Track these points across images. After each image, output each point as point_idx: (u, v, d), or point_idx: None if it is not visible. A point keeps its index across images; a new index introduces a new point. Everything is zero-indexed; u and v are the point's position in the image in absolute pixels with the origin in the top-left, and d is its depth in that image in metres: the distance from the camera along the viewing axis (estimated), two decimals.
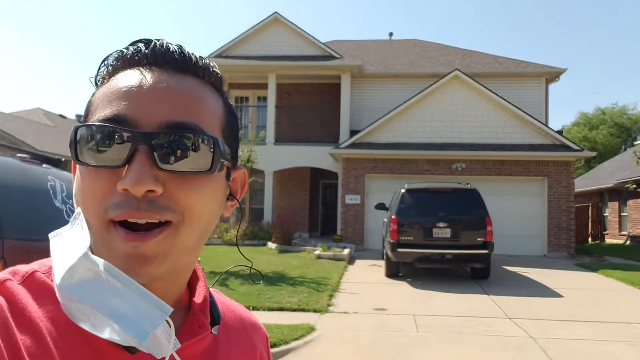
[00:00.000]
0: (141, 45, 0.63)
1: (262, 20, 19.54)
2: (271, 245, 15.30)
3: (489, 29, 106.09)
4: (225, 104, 0.68)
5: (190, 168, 0.58)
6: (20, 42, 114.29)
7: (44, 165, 4.41)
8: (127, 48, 0.64)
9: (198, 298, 0.70)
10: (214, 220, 0.65)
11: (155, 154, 0.56)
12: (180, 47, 0.64)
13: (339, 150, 16.65)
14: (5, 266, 3.67)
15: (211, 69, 0.67)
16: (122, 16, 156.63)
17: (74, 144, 0.58)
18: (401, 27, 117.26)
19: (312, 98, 20.69)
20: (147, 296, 0.55)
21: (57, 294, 0.56)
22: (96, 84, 0.65)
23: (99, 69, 0.65)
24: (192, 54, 0.65)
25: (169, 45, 0.63)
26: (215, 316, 0.71)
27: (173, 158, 0.57)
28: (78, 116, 32.16)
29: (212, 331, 0.68)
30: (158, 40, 0.64)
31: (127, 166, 0.56)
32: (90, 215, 0.58)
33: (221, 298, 0.80)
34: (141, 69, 0.62)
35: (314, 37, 19.39)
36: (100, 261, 0.55)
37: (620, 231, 23.26)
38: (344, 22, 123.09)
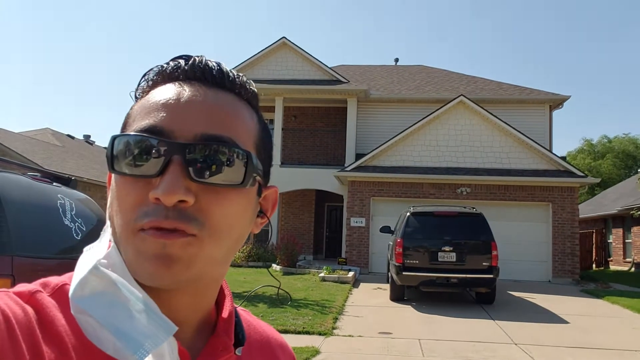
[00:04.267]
0: (181, 60, 0.65)
1: (270, 45, 19.80)
2: (276, 267, 15.27)
3: (493, 56, 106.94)
4: (260, 121, 0.69)
5: (222, 181, 0.58)
6: (30, 63, 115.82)
7: (54, 183, 4.47)
8: (167, 63, 0.66)
9: (224, 316, 0.69)
10: (244, 235, 0.65)
11: (189, 165, 0.57)
12: (219, 63, 0.66)
13: (345, 173, 16.71)
14: (13, 283, 3.70)
15: (247, 86, 0.68)
16: (130, 39, 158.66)
17: (110, 153, 0.59)
18: (407, 53, 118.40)
19: (319, 121, 20.85)
20: (154, 313, 0.55)
21: (71, 307, 0.56)
22: (136, 97, 0.67)
23: (139, 83, 0.67)
24: (230, 70, 0.66)
25: (208, 61, 0.65)
26: (240, 337, 0.70)
27: (206, 170, 0.57)
28: (86, 136, 32.46)
29: (236, 352, 0.67)
30: (198, 56, 0.65)
31: (160, 176, 0.57)
32: (122, 224, 0.58)
33: (248, 318, 0.80)
34: (179, 82, 0.63)
35: (321, 62, 19.61)
36: (110, 273, 0.56)
37: (624, 258, 23.10)
38: (350, 47, 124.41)
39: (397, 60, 26.04)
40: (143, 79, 0.66)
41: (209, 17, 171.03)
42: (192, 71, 0.64)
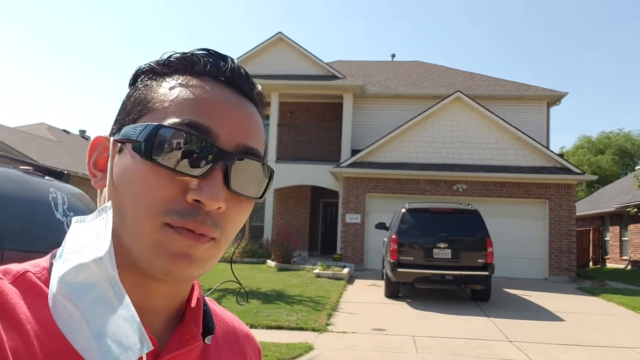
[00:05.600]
0: (219, 59, 0.65)
1: (266, 40, 19.70)
2: (270, 263, 15.24)
3: (491, 52, 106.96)
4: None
5: (250, 194, 0.62)
6: (26, 57, 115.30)
7: (46, 177, 4.42)
8: (201, 56, 0.64)
9: (192, 305, 0.69)
10: None
11: (229, 174, 0.59)
12: (247, 71, 0.67)
13: (340, 169, 16.67)
14: None
15: (264, 100, 0.70)
16: (127, 33, 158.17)
17: (150, 141, 0.57)
18: (403, 48, 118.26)
19: (314, 117, 20.80)
20: (136, 325, 0.52)
21: (54, 285, 0.54)
22: (147, 76, 0.65)
23: (159, 64, 0.65)
24: (255, 81, 0.68)
25: (241, 67, 0.66)
26: (210, 326, 0.70)
27: (241, 182, 0.60)
28: (82, 131, 32.31)
29: (205, 341, 0.68)
30: (231, 58, 0.66)
31: (201, 179, 0.58)
32: (144, 215, 0.57)
33: (215, 308, 0.79)
34: (220, 83, 0.64)
35: (317, 57, 19.53)
36: (110, 270, 0.53)
37: (621, 256, 23.15)
38: (347, 43, 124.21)
39: (393, 55, 26.03)
40: (166, 63, 0.65)
41: (204, 12, 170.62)
42: (232, 75, 0.64)
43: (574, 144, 45.26)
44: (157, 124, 0.58)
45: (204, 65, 0.63)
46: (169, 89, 0.62)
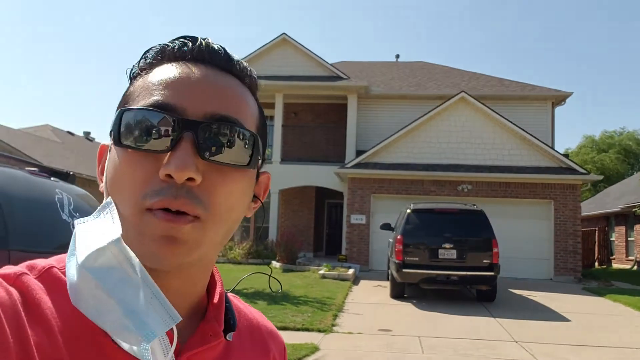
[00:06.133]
0: (187, 40, 0.65)
1: (270, 41, 19.72)
2: (275, 264, 15.23)
3: (495, 52, 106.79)
4: (259, 107, 0.70)
5: (230, 161, 0.59)
6: (31, 59, 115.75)
7: (52, 178, 4.42)
8: (172, 42, 0.66)
9: (214, 301, 0.69)
10: (240, 217, 0.65)
11: (199, 143, 0.57)
12: (223, 47, 0.66)
13: (345, 170, 16.66)
14: None
15: (249, 72, 0.69)
16: (129, 34, 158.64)
17: (118, 127, 0.58)
18: (408, 49, 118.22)
19: (319, 118, 20.80)
20: (162, 299, 0.54)
21: (74, 275, 0.54)
22: (132, 76, 0.66)
23: (139, 61, 0.66)
24: (234, 55, 0.67)
25: (214, 44, 0.66)
26: (231, 322, 0.70)
27: (215, 149, 0.58)
28: (86, 133, 32.39)
29: (227, 338, 0.67)
30: (203, 38, 0.66)
31: (170, 153, 0.56)
32: (126, 202, 0.57)
33: (238, 304, 0.79)
34: (187, 62, 0.63)
35: (321, 58, 19.54)
36: (128, 251, 0.54)
37: (627, 256, 23.04)
38: (351, 44, 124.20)
39: (397, 56, 26.03)
40: (143, 57, 0.66)
41: (209, 13, 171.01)
42: (199, 53, 0.64)
43: (578, 144, 45.06)
44: (121, 108, 0.60)
45: (173, 50, 0.65)
46: (143, 81, 0.63)
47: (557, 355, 6.70)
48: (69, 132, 30.20)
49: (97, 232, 0.56)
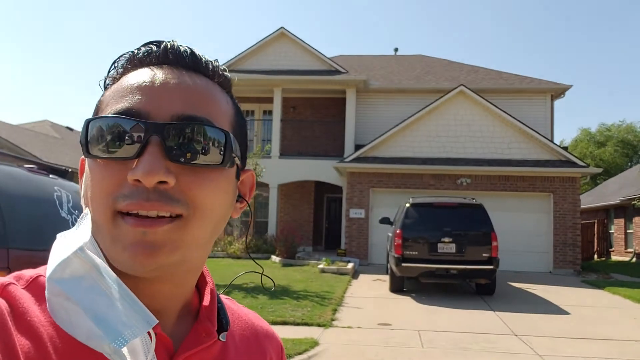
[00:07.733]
0: (152, 45, 0.65)
1: (268, 35, 19.66)
2: (275, 258, 15.26)
3: (494, 45, 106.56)
4: (234, 105, 0.69)
5: (203, 161, 0.58)
6: (29, 55, 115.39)
7: (50, 175, 4.42)
8: (138, 49, 0.65)
9: (206, 303, 0.69)
10: (226, 217, 0.65)
11: (167, 145, 0.56)
12: (190, 48, 0.65)
13: (344, 164, 16.65)
14: None
15: (220, 71, 0.68)
16: (129, 30, 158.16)
17: (85, 137, 0.58)
18: (406, 42, 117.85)
19: (318, 112, 20.76)
20: (135, 303, 0.54)
21: (46, 288, 0.55)
22: (105, 86, 0.66)
23: (109, 70, 0.66)
24: (203, 55, 0.66)
25: (180, 46, 0.65)
26: (223, 322, 0.69)
27: (185, 150, 0.57)
28: None
29: (220, 338, 0.66)
30: (169, 41, 0.65)
31: (139, 158, 0.55)
32: (98, 209, 0.57)
33: (232, 306, 0.79)
34: (152, 67, 0.63)
35: (319, 52, 19.49)
36: (94, 258, 0.54)
37: (626, 248, 23.09)
38: (349, 37, 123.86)
39: (396, 50, 25.92)
40: (113, 67, 0.66)
41: (206, 8, 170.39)
42: (165, 56, 0.64)
43: (574, 137, 45.00)
44: (86, 119, 0.59)
45: (138, 57, 0.64)
46: (111, 90, 0.63)
47: (557, 348, 6.72)
48: (68, 128, 30.14)
49: (68, 243, 0.57)
